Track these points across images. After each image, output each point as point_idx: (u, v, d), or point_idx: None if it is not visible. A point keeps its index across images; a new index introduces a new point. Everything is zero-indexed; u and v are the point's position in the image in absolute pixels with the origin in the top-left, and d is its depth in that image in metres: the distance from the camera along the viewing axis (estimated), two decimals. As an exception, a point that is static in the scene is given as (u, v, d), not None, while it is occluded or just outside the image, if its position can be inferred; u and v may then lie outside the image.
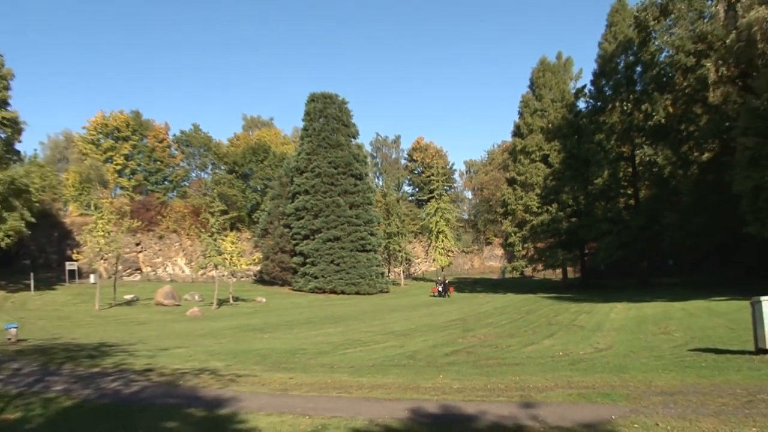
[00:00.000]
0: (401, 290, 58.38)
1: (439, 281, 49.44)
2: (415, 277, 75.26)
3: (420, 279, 72.87)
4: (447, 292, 47.06)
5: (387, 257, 66.89)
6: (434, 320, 27.22)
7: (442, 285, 47.77)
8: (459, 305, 37.43)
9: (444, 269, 66.09)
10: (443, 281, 49.11)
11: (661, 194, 45.28)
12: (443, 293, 46.83)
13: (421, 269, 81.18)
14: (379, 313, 32.90)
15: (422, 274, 78.14)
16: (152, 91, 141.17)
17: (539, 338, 18.54)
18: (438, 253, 64.14)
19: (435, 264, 67.08)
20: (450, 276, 65.63)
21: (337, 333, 22.76)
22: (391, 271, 67.94)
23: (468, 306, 36.42)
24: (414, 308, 36.57)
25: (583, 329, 20.46)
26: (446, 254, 65.48)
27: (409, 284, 65.44)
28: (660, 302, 29.52)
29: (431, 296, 47.82)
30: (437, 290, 47.69)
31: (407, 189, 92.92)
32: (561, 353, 14.58)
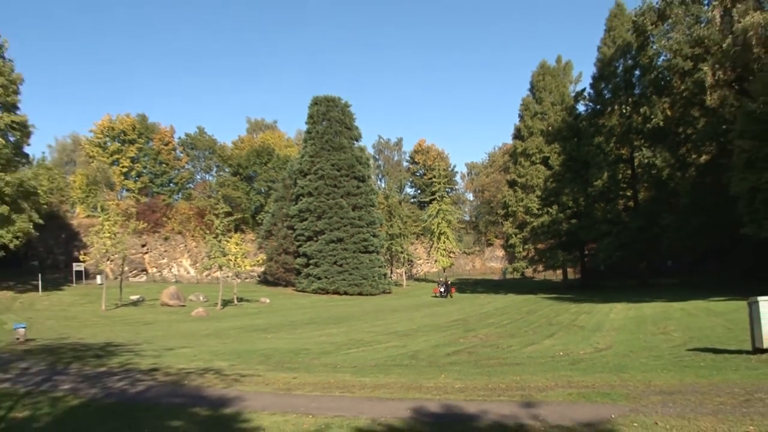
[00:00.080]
0: (403, 291, 58.58)
1: (441, 282, 49.66)
2: (417, 278, 75.52)
3: (422, 280, 73.07)
4: (449, 293, 47.36)
5: (389, 258, 67.25)
6: (436, 320, 27.38)
7: (444, 286, 47.99)
8: (460, 306, 37.63)
9: (446, 270, 66.33)
10: (445, 282, 49.36)
11: (660, 196, 45.53)
12: (445, 294, 47.06)
13: (423, 270, 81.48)
14: (382, 314, 33.06)
15: (424, 275, 78.40)
16: (158, 95, 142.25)
17: (540, 338, 18.60)
18: (440, 254, 64.38)
19: (437, 265, 67.31)
20: (451, 277, 66.01)
21: (340, 333, 22.82)
22: (394, 272, 68.32)
23: (469, 306, 36.61)
24: (416, 309, 36.74)
25: (583, 329, 20.56)
26: (448, 255, 65.68)
27: (411, 285, 65.60)
28: (659, 302, 29.61)
29: (433, 297, 48.04)
30: (439, 291, 47.88)
31: (409, 191, 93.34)
32: (561, 353, 14.66)
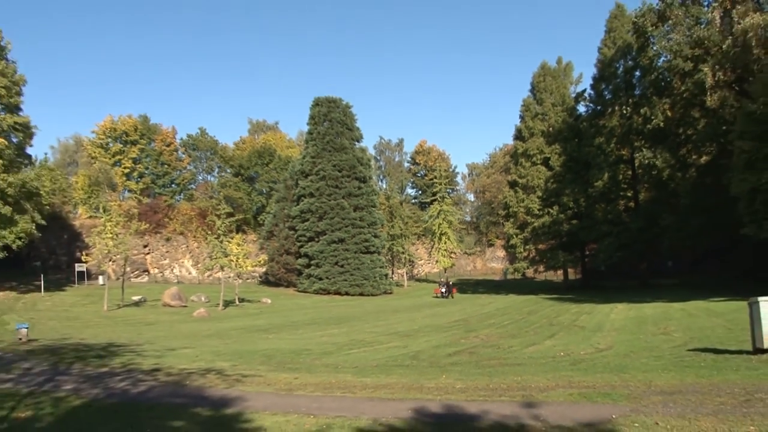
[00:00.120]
0: (404, 291, 58.69)
1: (442, 282, 49.79)
2: (418, 279, 75.63)
3: (423, 280, 73.19)
4: (451, 293, 47.49)
5: (390, 259, 67.38)
6: (437, 321, 27.48)
7: (446, 286, 48.12)
8: (461, 306, 37.73)
9: (447, 271, 66.47)
10: (447, 282, 49.49)
11: (660, 196, 45.53)
12: (446, 294, 47.15)
13: (425, 271, 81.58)
14: (383, 314, 33.16)
15: (425, 276, 78.51)
16: (160, 96, 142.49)
17: (541, 339, 18.64)
18: (441, 255, 64.50)
19: (438, 265, 67.43)
20: (452, 277, 66.07)
21: (342, 334, 22.92)
22: (395, 273, 68.47)
23: (470, 307, 36.69)
24: (417, 309, 36.89)
25: (584, 330, 20.62)
26: (449, 256, 65.82)
27: (413, 285, 65.75)
28: (659, 303, 29.63)
29: (434, 297, 48.15)
30: (440, 291, 47.99)
31: (410, 191, 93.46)
32: (562, 353, 14.70)
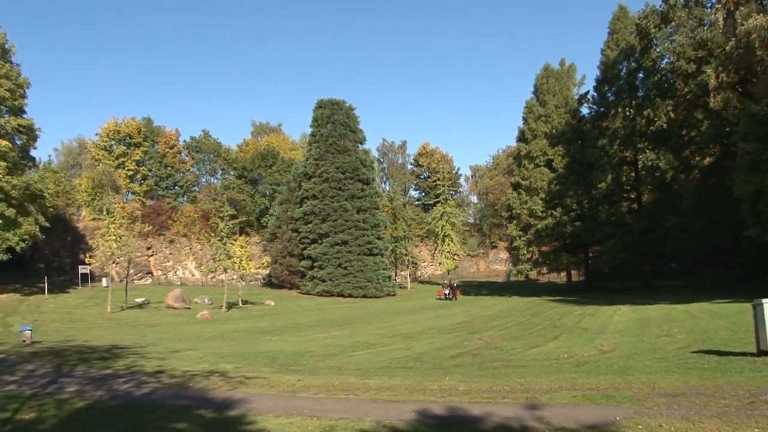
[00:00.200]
0: (408, 293, 58.67)
1: (446, 284, 49.79)
2: (422, 281, 75.65)
3: (426, 282, 73.20)
4: (455, 295, 47.46)
5: (394, 261, 67.40)
6: (440, 323, 27.51)
7: (449, 288, 48.12)
8: (465, 308, 37.74)
9: (450, 273, 66.46)
10: (450, 284, 49.48)
11: (664, 198, 45.44)
12: (449, 296, 47.13)
13: (428, 273, 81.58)
14: (386, 316, 33.15)
15: (428, 278, 78.50)
16: (163, 99, 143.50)
17: (544, 341, 18.66)
18: (444, 257, 64.48)
19: (441, 267, 67.43)
20: (456, 279, 66.01)
21: (345, 336, 22.93)
22: (398, 275, 68.43)
23: (474, 309, 36.69)
24: (420, 311, 36.88)
25: (588, 332, 20.60)
26: (452, 258, 65.81)
27: (416, 287, 65.73)
28: (663, 305, 29.58)
29: (437, 299, 48.15)
30: (443, 293, 48.00)
31: (413, 193, 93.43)
32: (565, 355, 14.70)
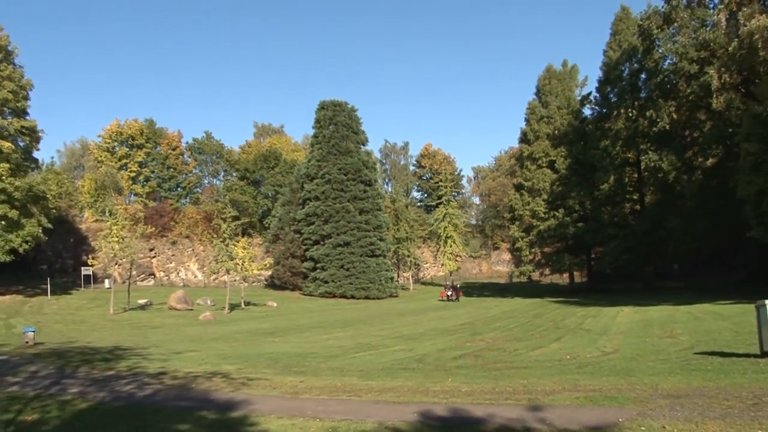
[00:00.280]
0: (410, 295, 58.58)
1: (448, 285, 49.72)
2: (424, 282, 75.59)
3: (429, 284, 73.12)
4: (457, 296, 47.42)
5: (396, 262, 67.33)
6: (443, 324, 27.49)
7: (452, 289, 48.04)
8: (467, 309, 37.70)
9: (452, 274, 66.44)
10: (453, 285, 49.42)
11: (666, 199, 45.41)
12: (451, 297, 47.05)
13: (430, 274, 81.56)
14: (389, 318, 33.14)
15: (431, 279, 78.47)
16: (166, 100, 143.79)
17: (547, 342, 18.69)
18: (446, 258, 64.48)
19: (443, 269, 67.41)
20: (458, 280, 66.02)
21: (347, 337, 22.95)
22: (400, 276, 68.36)
23: (476, 310, 36.67)
24: (423, 312, 36.85)
25: (590, 333, 20.60)
26: (454, 259, 65.82)
27: (418, 289, 65.63)
28: (665, 306, 29.58)
29: (440, 300, 48.09)
30: (446, 294, 47.91)
31: (416, 195, 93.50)
32: (568, 357, 14.71)
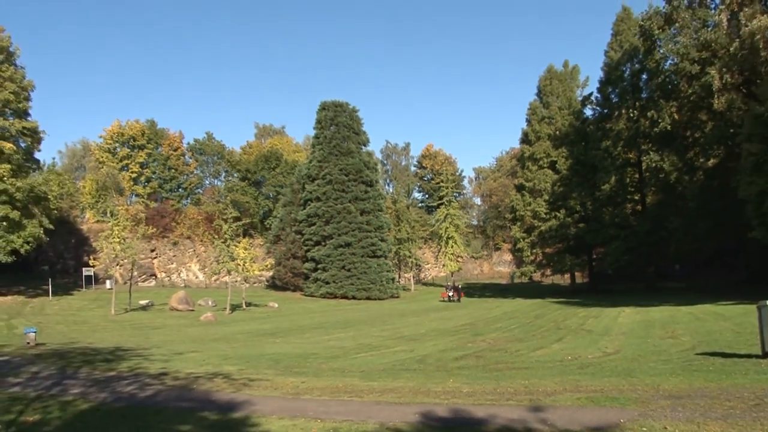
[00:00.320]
0: (411, 295, 58.59)
1: (449, 286, 49.67)
2: (425, 283, 75.54)
3: (430, 284, 73.10)
4: (459, 297, 47.37)
5: (397, 263, 67.28)
6: (444, 325, 27.48)
7: (453, 290, 47.99)
8: (468, 310, 37.67)
9: (453, 274, 66.40)
10: (454, 286, 49.38)
11: (668, 200, 45.34)
12: (453, 298, 46.99)
13: (431, 275, 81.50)
14: (390, 318, 33.11)
15: (432, 280, 78.43)
16: (167, 101, 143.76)
17: (548, 342, 18.69)
18: (448, 259, 64.43)
19: (445, 269, 67.33)
20: (459, 281, 65.98)
21: (348, 338, 22.95)
22: (402, 277, 68.33)
23: (477, 311, 36.64)
24: (424, 313, 36.82)
25: (592, 333, 20.57)
26: (456, 260, 65.77)
27: (419, 289, 65.67)
28: (667, 306, 29.52)
29: (441, 301, 48.06)
30: (447, 295, 47.86)
31: (417, 195, 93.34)
32: (570, 357, 14.69)
